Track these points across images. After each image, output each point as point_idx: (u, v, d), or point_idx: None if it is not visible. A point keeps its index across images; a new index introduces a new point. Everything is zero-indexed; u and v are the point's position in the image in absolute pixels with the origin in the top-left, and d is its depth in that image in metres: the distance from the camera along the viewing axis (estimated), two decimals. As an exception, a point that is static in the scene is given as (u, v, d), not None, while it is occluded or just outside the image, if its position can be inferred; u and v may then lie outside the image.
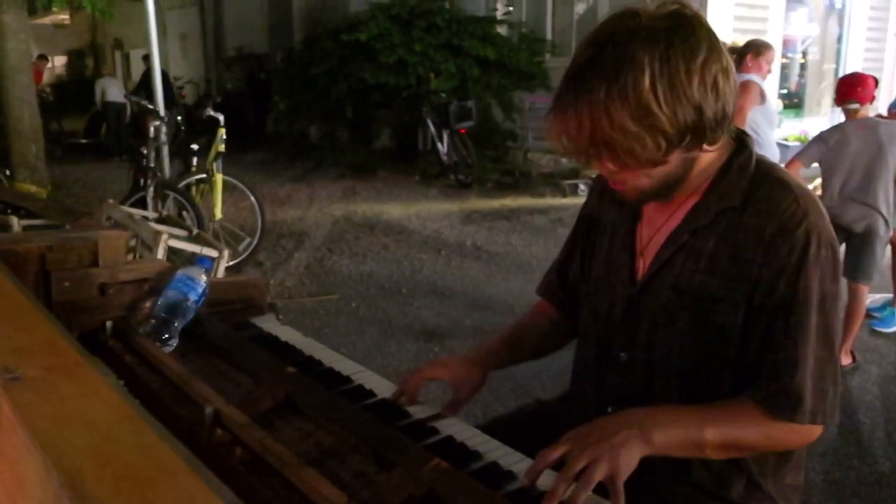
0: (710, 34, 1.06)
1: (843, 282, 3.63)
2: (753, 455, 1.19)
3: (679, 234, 1.18)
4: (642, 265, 1.24)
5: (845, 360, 3.60)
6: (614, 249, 1.29)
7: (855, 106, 3.59)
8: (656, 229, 1.23)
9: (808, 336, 1.08)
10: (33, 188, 7.05)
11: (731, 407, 1.12)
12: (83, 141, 11.61)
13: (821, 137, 3.64)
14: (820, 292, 1.09)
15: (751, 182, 1.15)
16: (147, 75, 12.54)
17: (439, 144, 8.75)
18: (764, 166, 1.17)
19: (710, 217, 1.15)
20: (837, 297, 1.12)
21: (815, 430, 1.13)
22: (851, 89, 3.61)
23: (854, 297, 3.63)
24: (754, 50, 4.27)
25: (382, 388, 1.29)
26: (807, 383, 1.08)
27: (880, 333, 4.05)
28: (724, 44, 3.92)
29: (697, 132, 1.06)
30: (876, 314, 4.19)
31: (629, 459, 1.01)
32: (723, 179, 1.16)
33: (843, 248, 3.72)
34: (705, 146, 1.09)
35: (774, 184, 1.14)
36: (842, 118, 3.72)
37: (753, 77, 4.19)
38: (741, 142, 1.19)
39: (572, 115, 1.05)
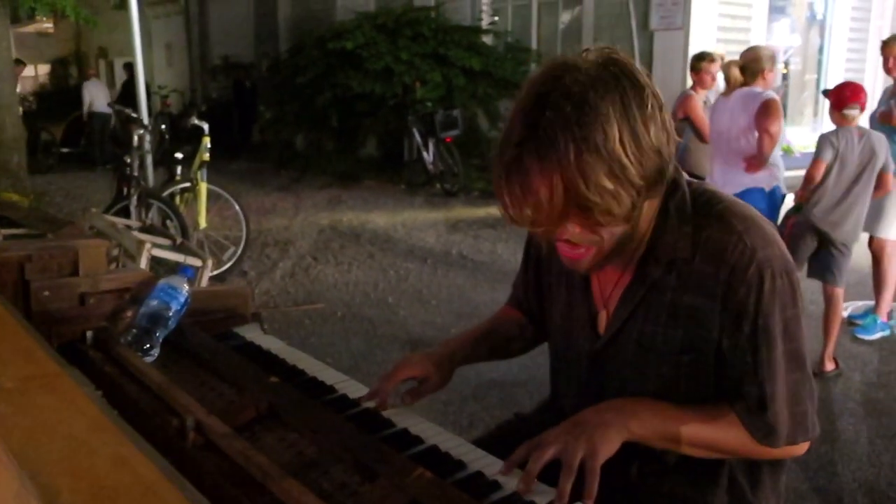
0: (645, 74, 1.03)
1: (813, 282, 3.68)
2: (742, 467, 1.21)
3: (634, 290, 1.17)
4: (602, 319, 1.23)
5: (829, 365, 3.62)
6: (572, 301, 1.28)
7: (855, 112, 3.60)
8: (611, 284, 1.21)
9: (776, 369, 1.10)
10: (15, 197, 6.98)
11: (715, 411, 1.13)
12: (63, 150, 11.46)
13: (829, 140, 3.58)
14: (782, 322, 1.10)
15: (692, 224, 1.12)
16: (128, 85, 12.44)
17: (425, 153, 8.75)
18: (701, 202, 1.14)
19: (661, 269, 1.14)
20: (800, 317, 1.12)
21: (798, 448, 1.16)
22: (854, 95, 3.62)
23: (830, 301, 3.65)
24: (771, 62, 4.01)
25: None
26: (779, 415, 1.10)
27: (863, 340, 4.08)
28: (711, 55, 3.91)
29: (660, 177, 1.03)
30: (858, 321, 4.22)
31: (606, 442, 1.04)
32: (664, 225, 1.13)
33: (816, 252, 3.74)
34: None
35: (716, 223, 1.11)
36: (823, 128, 3.74)
37: (774, 95, 3.95)
38: (672, 177, 1.14)
39: (541, 180, 0.96)
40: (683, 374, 1.15)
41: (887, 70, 4.20)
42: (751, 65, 3.96)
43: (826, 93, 3.82)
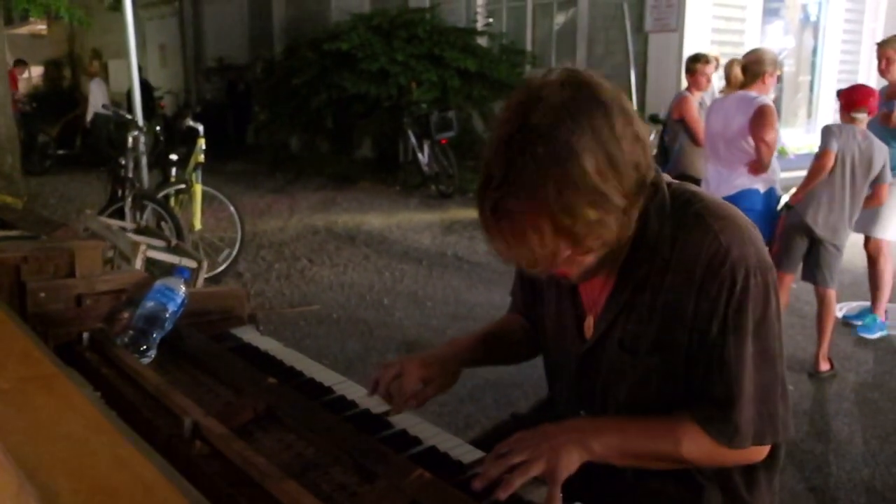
0: (609, 87, 1.02)
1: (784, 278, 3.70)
2: (740, 471, 1.22)
3: (618, 293, 1.18)
4: (589, 324, 1.24)
5: (823, 366, 3.63)
6: (562, 307, 1.29)
7: (863, 115, 3.61)
8: (598, 288, 1.22)
9: (744, 368, 1.10)
10: (9, 199, 6.94)
11: (675, 423, 1.14)
12: (60, 152, 11.39)
13: (832, 131, 3.59)
14: (754, 321, 1.10)
15: (671, 224, 1.13)
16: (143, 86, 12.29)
17: (420, 155, 8.75)
18: (680, 202, 1.15)
19: (643, 271, 1.15)
20: (773, 317, 1.12)
21: (763, 449, 1.16)
22: (863, 99, 3.62)
23: (823, 302, 3.67)
24: (773, 66, 3.92)
25: (365, 398, 1.28)
26: (745, 414, 1.10)
27: (858, 340, 4.09)
28: (706, 56, 3.86)
29: (640, 189, 1.04)
30: (855, 322, 4.24)
31: (568, 461, 1.05)
32: (645, 227, 1.13)
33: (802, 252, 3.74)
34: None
35: (693, 222, 1.12)
36: (817, 129, 3.74)
37: (769, 101, 3.85)
38: (652, 182, 1.14)
39: (529, 224, 0.98)
40: (656, 373, 1.16)
41: (881, 72, 4.21)
42: (752, 66, 3.89)
43: (839, 93, 3.81)
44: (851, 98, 3.64)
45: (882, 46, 4.19)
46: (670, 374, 1.16)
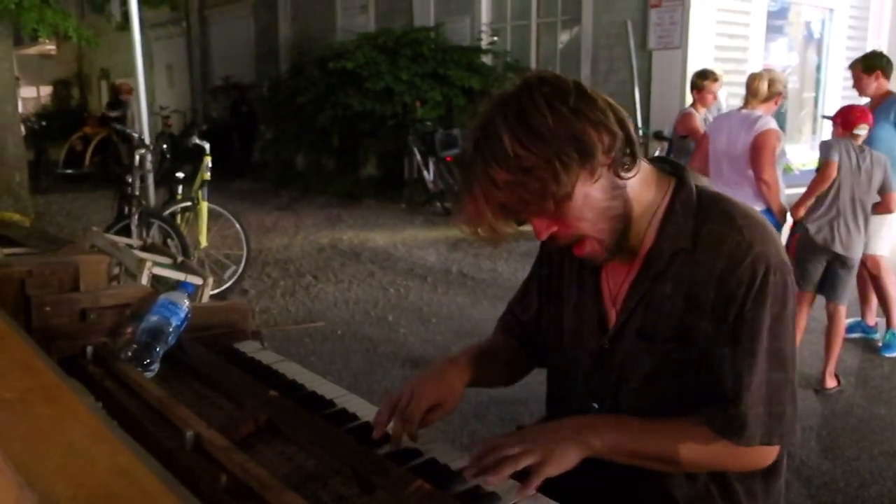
0: (554, 82, 1.09)
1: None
2: (736, 477, 1.21)
3: (640, 282, 1.20)
4: (612, 315, 1.25)
5: (830, 382, 3.61)
6: (584, 300, 1.30)
7: (864, 130, 3.61)
8: (620, 279, 1.24)
9: (756, 364, 1.11)
10: (16, 216, 6.98)
11: (679, 423, 1.15)
12: (68, 171, 11.43)
13: (830, 144, 3.61)
14: (770, 317, 1.11)
15: (696, 219, 1.16)
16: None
17: (425, 172, 8.78)
18: (706, 199, 1.19)
19: (665, 262, 1.17)
20: (789, 318, 1.13)
21: (770, 452, 1.16)
22: (863, 115, 3.65)
23: (832, 318, 3.64)
24: (785, 90, 3.95)
25: (366, 411, 1.28)
26: (753, 410, 1.11)
27: (864, 356, 4.06)
28: (714, 74, 3.84)
29: (585, 157, 1.06)
30: (853, 334, 4.23)
31: (563, 456, 1.06)
32: (670, 221, 1.17)
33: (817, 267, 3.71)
34: (621, 173, 1.11)
35: (718, 218, 1.15)
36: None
37: (774, 124, 3.82)
38: (680, 178, 1.20)
39: (469, 200, 1.11)
40: (672, 361, 1.17)
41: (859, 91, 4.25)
42: (771, 84, 3.87)
43: (835, 116, 3.79)
44: (849, 117, 3.65)
45: (852, 68, 4.23)
46: (685, 364, 1.16)
